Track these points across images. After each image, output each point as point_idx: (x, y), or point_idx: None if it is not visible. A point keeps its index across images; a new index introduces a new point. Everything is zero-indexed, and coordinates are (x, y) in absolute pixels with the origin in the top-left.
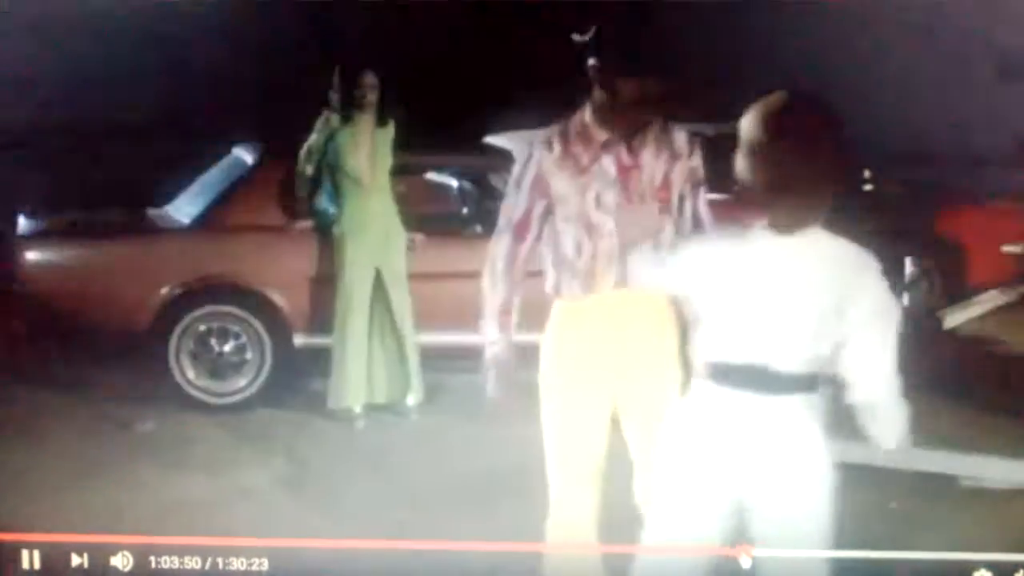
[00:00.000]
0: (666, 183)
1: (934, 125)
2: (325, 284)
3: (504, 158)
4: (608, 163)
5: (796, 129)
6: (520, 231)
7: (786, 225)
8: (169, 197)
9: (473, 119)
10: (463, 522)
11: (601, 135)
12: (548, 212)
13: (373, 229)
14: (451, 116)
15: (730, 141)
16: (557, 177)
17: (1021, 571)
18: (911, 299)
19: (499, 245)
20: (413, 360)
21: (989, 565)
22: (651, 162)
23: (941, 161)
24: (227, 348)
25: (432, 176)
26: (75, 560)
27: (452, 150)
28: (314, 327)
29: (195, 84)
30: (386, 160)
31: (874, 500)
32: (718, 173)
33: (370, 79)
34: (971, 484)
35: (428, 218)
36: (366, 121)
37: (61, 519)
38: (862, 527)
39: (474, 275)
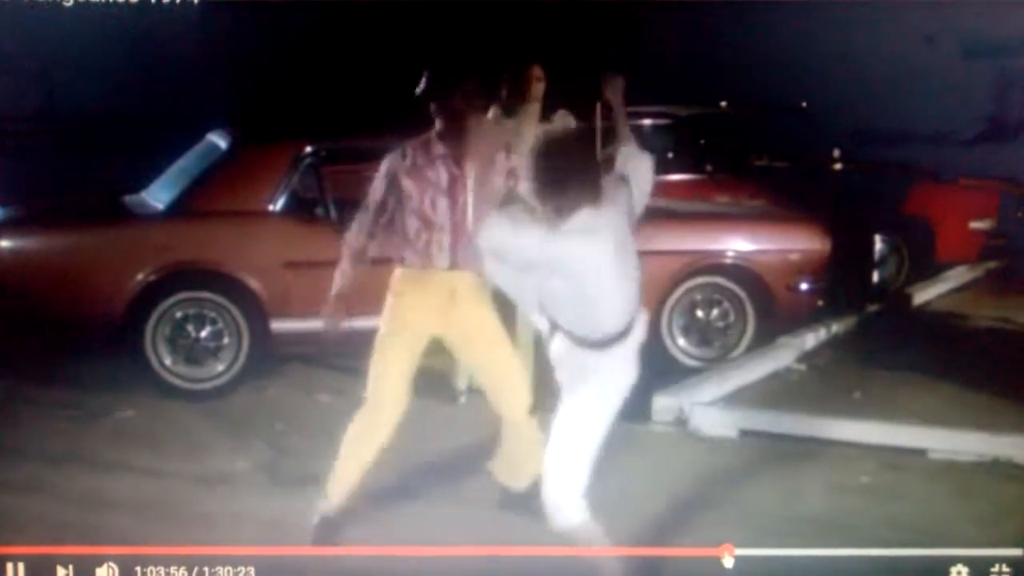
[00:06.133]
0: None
1: (902, 105)
2: (301, 269)
3: None
4: (442, 172)
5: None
6: (378, 211)
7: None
8: (144, 183)
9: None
10: (436, 500)
11: (439, 150)
12: (399, 202)
13: None
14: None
15: (699, 122)
16: (406, 179)
17: (998, 565)
18: (881, 276)
19: (362, 216)
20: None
21: (967, 560)
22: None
23: (909, 140)
24: (204, 334)
25: None
26: (60, 572)
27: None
28: (290, 312)
29: (170, 73)
30: None
31: (846, 474)
32: (689, 152)
33: (537, 72)
34: (941, 457)
35: None
36: (530, 115)
37: (42, 513)
38: (835, 501)
39: None
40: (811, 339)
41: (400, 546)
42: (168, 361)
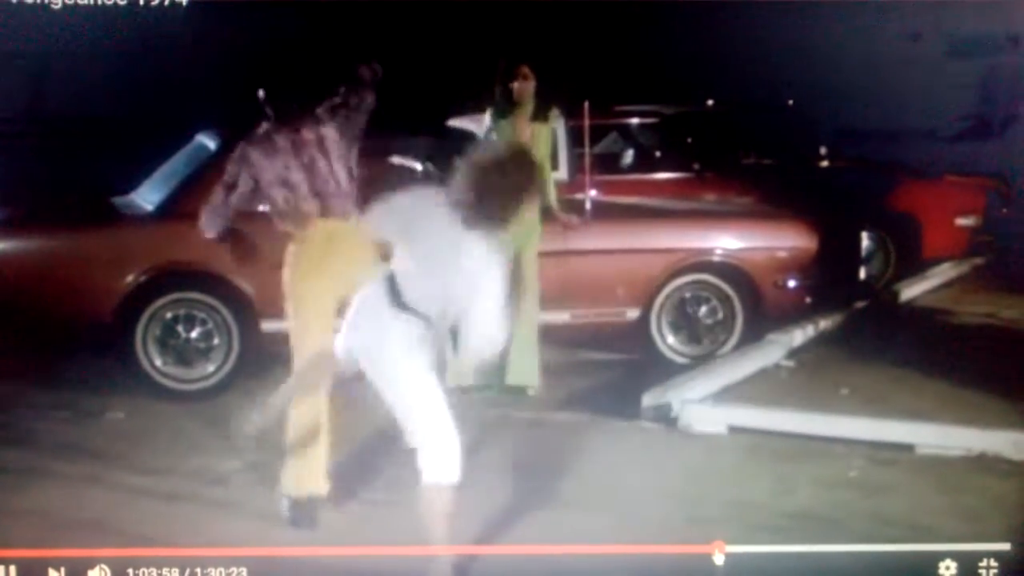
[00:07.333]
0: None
1: (888, 103)
2: None
3: (468, 140)
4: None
5: None
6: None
7: None
8: (133, 184)
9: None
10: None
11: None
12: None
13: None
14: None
15: (686, 120)
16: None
17: (986, 560)
18: (868, 272)
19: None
20: (535, 347)
21: (955, 555)
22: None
23: (896, 137)
24: (194, 335)
25: (396, 159)
26: (52, 575)
27: (417, 133)
28: (281, 312)
29: (159, 74)
30: (542, 153)
31: (834, 470)
32: (677, 151)
33: (524, 72)
34: (929, 452)
35: None
36: (522, 114)
37: (33, 515)
38: (824, 497)
39: None
40: (799, 336)
41: (394, 545)
42: (159, 362)
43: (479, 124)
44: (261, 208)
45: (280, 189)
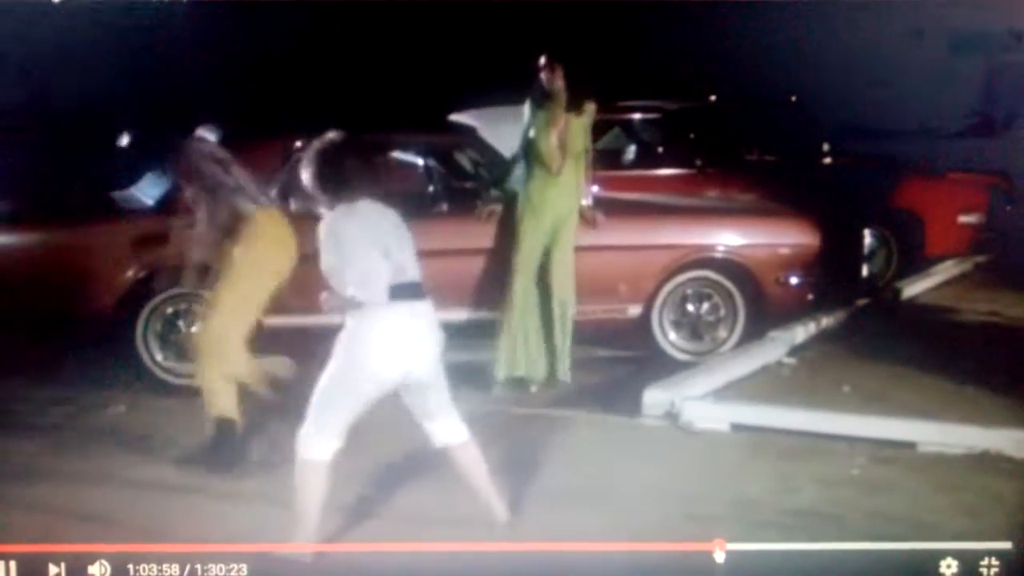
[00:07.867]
0: None
1: (892, 99)
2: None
3: (469, 135)
4: None
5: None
6: None
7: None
8: (133, 179)
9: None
10: (426, 499)
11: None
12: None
13: (551, 211)
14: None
15: (689, 116)
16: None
17: (987, 559)
18: (870, 270)
19: None
20: (566, 340)
21: (956, 553)
22: None
23: (899, 134)
24: (194, 329)
25: (398, 154)
26: (52, 570)
27: (418, 128)
28: (280, 307)
29: (160, 69)
30: (578, 146)
31: (836, 467)
32: (679, 147)
33: (550, 62)
34: (930, 450)
35: (393, 197)
36: (556, 107)
37: (33, 510)
38: (825, 494)
39: (441, 253)
40: (801, 333)
41: (393, 542)
42: (159, 356)
43: (480, 118)
44: None
45: None
